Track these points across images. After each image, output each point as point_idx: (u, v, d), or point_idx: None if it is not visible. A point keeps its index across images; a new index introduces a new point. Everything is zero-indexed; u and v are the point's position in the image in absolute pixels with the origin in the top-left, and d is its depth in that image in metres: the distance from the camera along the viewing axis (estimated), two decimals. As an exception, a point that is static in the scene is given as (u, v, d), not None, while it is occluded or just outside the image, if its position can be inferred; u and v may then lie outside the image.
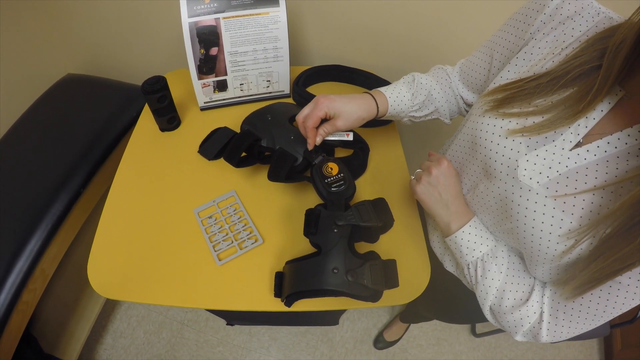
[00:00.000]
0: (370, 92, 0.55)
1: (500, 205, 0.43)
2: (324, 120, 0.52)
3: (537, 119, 0.39)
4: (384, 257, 0.49)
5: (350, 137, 0.55)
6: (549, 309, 0.42)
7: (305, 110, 0.52)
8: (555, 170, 0.38)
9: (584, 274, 0.35)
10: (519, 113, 0.40)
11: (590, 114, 0.37)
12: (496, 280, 0.44)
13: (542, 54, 0.42)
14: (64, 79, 1.01)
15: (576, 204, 0.36)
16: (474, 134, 0.46)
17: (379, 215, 0.49)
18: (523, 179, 0.39)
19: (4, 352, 0.74)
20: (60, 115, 0.92)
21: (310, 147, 0.53)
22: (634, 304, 0.35)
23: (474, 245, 0.45)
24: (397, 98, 0.54)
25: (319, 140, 0.53)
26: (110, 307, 1.27)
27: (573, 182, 0.37)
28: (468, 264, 0.46)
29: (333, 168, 0.53)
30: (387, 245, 0.56)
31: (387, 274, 0.47)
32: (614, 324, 1.04)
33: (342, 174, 0.53)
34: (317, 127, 0.52)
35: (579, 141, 0.37)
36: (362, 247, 0.52)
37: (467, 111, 0.59)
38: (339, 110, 0.50)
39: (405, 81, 0.57)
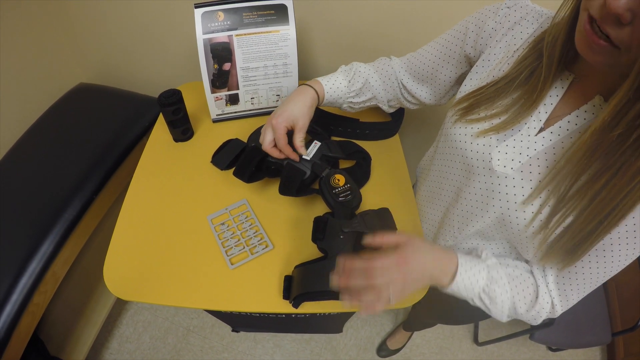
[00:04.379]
0: (308, 82, 0.59)
1: (483, 201, 0.46)
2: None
3: (503, 117, 0.43)
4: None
5: (319, 144, 0.60)
6: (556, 290, 0.45)
7: (267, 137, 0.55)
8: (525, 155, 0.41)
9: (567, 236, 0.38)
10: (485, 117, 0.44)
11: (547, 101, 0.41)
12: (505, 299, 0.45)
13: (498, 59, 0.46)
14: (76, 88, 1.04)
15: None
16: (449, 144, 0.50)
17: (382, 224, 0.52)
18: (498, 168, 0.42)
19: (13, 353, 0.75)
20: (73, 123, 0.94)
21: (297, 159, 0.58)
22: (629, 260, 0.39)
23: (472, 285, 0.45)
24: (333, 85, 0.59)
25: (302, 150, 0.57)
26: (117, 311, 1.28)
27: (544, 162, 0.41)
28: (472, 299, 0.47)
29: (340, 179, 0.56)
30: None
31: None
32: (615, 332, 1.05)
33: (348, 185, 0.56)
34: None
35: (542, 126, 0.41)
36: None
37: (408, 101, 0.63)
38: (294, 117, 0.55)
39: (343, 70, 0.62)
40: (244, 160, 0.61)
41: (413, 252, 0.43)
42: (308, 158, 0.58)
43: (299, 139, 0.56)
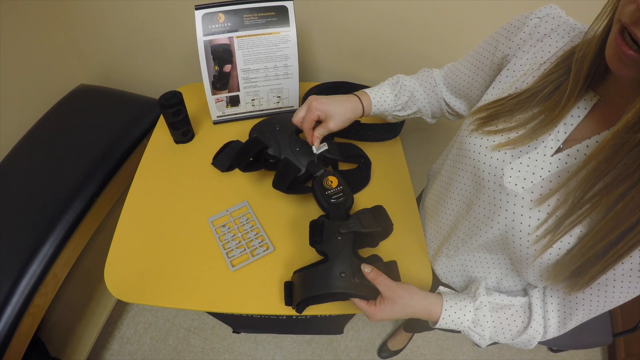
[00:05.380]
0: (356, 93, 0.59)
1: (489, 216, 0.45)
2: (317, 122, 0.57)
3: (521, 131, 0.42)
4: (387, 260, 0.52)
5: (326, 147, 0.61)
6: (557, 318, 0.45)
7: (300, 112, 0.57)
8: (538, 175, 0.40)
9: (576, 251, 0.37)
10: (503, 130, 0.43)
11: (567, 120, 0.39)
12: (486, 335, 0.47)
13: (523, 70, 0.44)
14: (77, 90, 1.04)
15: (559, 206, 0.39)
16: (463, 152, 0.49)
17: (378, 221, 0.53)
18: (509, 185, 0.41)
19: (14, 354, 0.75)
20: (74, 124, 0.95)
21: (311, 144, 0.58)
22: (629, 298, 0.38)
23: (456, 326, 0.47)
24: (380, 99, 0.59)
25: (317, 142, 0.57)
26: (117, 313, 1.28)
27: (556, 185, 0.39)
28: (462, 331, 0.48)
29: (333, 181, 0.56)
30: (390, 251, 0.59)
31: (390, 273, 0.50)
32: (616, 333, 1.05)
33: (341, 187, 0.56)
34: (313, 128, 0.57)
35: (560, 147, 0.40)
36: (366, 253, 0.55)
37: (449, 113, 0.63)
38: (330, 113, 0.55)
39: (390, 83, 0.61)
40: (243, 149, 0.62)
41: (392, 310, 0.46)
42: (315, 152, 0.59)
43: (319, 131, 0.56)
